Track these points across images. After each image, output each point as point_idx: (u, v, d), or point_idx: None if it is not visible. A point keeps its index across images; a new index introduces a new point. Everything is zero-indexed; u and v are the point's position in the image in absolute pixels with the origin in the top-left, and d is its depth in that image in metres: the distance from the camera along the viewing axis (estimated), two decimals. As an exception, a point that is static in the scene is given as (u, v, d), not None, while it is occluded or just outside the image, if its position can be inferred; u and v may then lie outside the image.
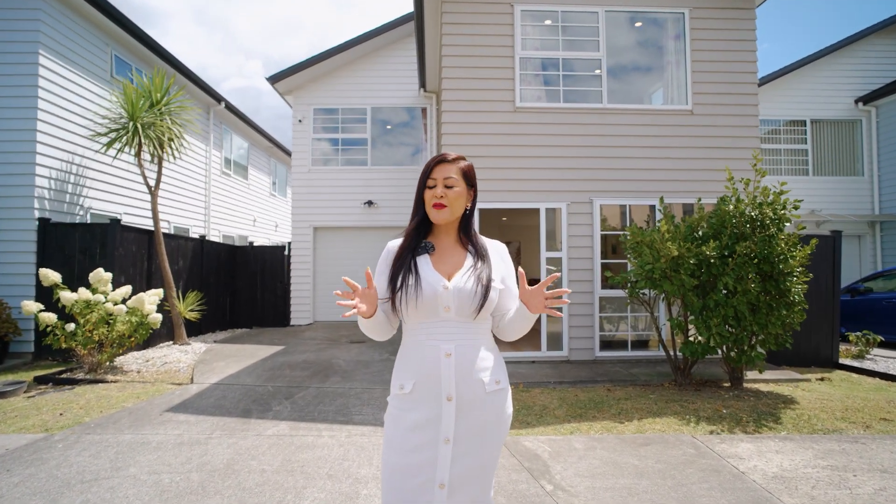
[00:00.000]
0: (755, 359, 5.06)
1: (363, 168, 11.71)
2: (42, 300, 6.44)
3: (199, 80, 10.99)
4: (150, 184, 7.72)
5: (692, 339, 5.31)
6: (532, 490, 3.01)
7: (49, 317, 5.57)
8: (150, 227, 8.26)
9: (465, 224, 1.72)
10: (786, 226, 5.12)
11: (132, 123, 7.25)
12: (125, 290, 6.14)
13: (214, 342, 8.69)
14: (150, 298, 6.22)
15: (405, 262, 1.61)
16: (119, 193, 8.90)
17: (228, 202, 13.71)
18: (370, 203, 11.50)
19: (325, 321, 11.51)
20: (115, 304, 5.94)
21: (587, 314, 6.88)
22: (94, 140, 7.81)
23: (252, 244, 11.55)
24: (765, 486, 3.03)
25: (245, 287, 11.18)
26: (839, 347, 6.81)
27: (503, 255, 1.73)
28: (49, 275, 5.72)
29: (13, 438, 3.82)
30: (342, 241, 11.74)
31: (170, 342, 8.16)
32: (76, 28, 7.82)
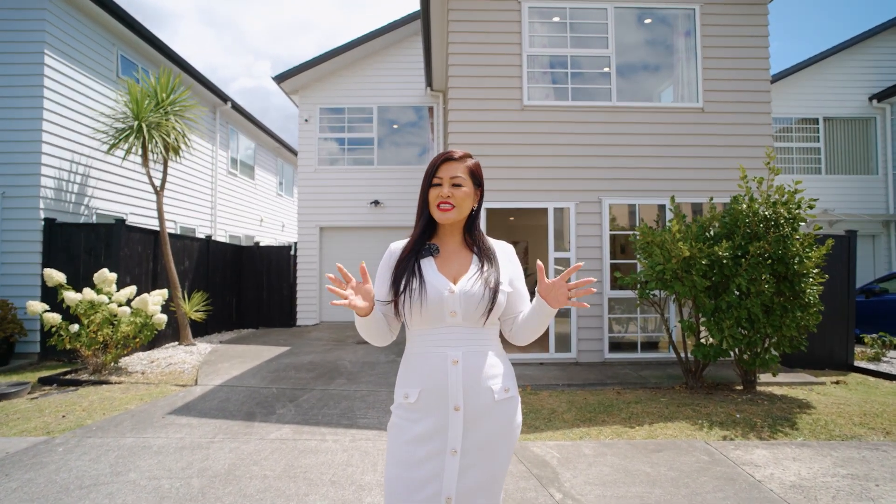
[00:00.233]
0: (769, 362, 4.94)
1: (369, 168, 11.65)
2: (47, 300, 6.42)
3: (206, 80, 10.97)
4: (156, 184, 7.70)
5: (704, 342, 5.19)
6: (541, 499, 2.92)
7: (53, 317, 5.54)
8: (156, 228, 8.23)
9: (471, 225, 1.64)
10: (801, 225, 4.99)
11: (137, 123, 7.22)
12: (130, 291, 6.11)
13: (220, 343, 8.66)
14: (154, 299, 6.17)
15: (409, 266, 1.53)
16: (125, 193, 8.88)
17: (235, 202, 13.70)
18: (376, 203, 11.43)
19: (332, 322, 11.46)
20: (120, 305, 5.91)
21: (596, 315, 6.77)
22: (100, 140, 7.78)
23: (258, 244, 11.52)
24: (783, 497, 2.91)
25: (251, 287, 11.15)
26: (854, 350, 6.66)
27: (510, 257, 1.65)
28: (53, 275, 5.70)
29: (13, 441, 3.78)
30: (348, 241, 11.68)
31: (175, 343, 8.13)
32: (82, 28, 7.80)
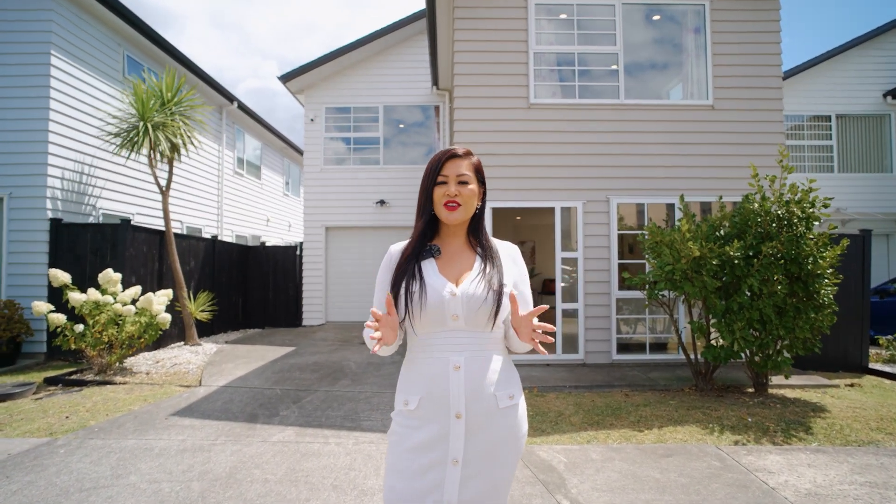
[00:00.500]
0: (782, 364, 4.82)
1: (375, 167, 11.59)
2: (54, 301, 6.43)
3: (212, 80, 10.97)
4: (162, 184, 7.68)
5: (714, 343, 5.09)
6: (547, 505, 2.85)
7: (59, 318, 5.53)
8: (162, 228, 8.23)
9: (475, 224, 1.57)
10: (815, 225, 4.88)
11: (143, 123, 7.21)
12: (135, 291, 6.10)
13: (226, 343, 8.65)
14: (159, 299, 6.16)
15: (409, 268, 1.46)
16: (131, 194, 8.89)
17: (241, 202, 13.71)
18: (382, 202, 11.38)
19: (337, 322, 11.42)
20: (125, 305, 5.89)
21: (604, 316, 6.67)
22: (105, 140, 7.79)
23: (264, 244, 11.51)
24: (798, 505, 2.82)
25: (257, 287, 11.14)
26: (869, 351, 6.52)
27: (515, 258, 1.58)
28: (58, 275, 5.69)
29: (16, 443, 3.76)
30: (354, 241, 11.64)
31: (181, 343, 8.13)
32: (88, 28, 7.81)
